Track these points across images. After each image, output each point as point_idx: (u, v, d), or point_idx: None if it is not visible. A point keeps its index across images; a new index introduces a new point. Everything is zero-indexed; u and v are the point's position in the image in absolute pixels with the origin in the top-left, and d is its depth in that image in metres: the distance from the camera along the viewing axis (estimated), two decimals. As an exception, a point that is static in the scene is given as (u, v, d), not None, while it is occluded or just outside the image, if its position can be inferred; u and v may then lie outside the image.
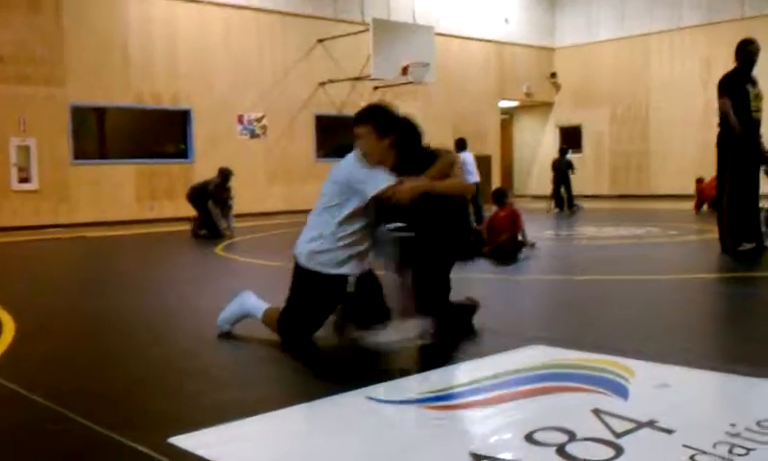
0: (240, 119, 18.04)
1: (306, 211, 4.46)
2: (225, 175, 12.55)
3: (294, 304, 4.24)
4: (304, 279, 4.20)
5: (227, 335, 4.42)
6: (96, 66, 15.91)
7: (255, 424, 2.93)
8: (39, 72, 15.27)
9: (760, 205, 7.98)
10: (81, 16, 15.75)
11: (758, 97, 7.79)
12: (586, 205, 17.89)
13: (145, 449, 2.63)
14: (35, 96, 15.20)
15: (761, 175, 7.98)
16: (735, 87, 7.65)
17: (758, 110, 7.79)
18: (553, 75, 24.83)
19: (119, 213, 16.15)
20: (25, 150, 15.16)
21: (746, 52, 7.80)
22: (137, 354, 4.27)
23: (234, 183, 12.85)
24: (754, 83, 7.77)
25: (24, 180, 15.20)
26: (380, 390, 3.30)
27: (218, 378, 3.69)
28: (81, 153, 15.98)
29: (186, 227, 12.94)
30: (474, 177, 12.83)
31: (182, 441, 2.70)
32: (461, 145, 13.53)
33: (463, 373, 3.57)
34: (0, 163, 14.87)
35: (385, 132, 4.19)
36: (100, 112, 16.93)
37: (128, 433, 2.77)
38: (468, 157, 12.98)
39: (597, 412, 2.86)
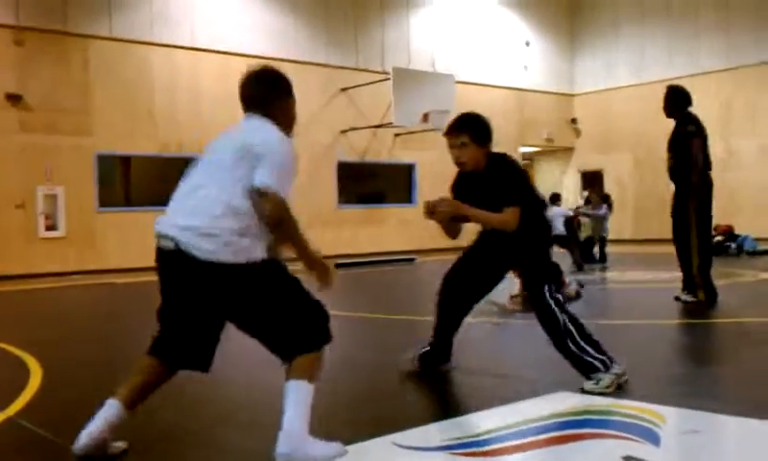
0: (263, 166, 18.19)
1: (328, 258, 4.02)
2: None
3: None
4: None
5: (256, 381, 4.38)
6: (122, 116, 16.19)
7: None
8: (67, 122, 15.57)
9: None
10: (107, 68, 16.08)
11: None
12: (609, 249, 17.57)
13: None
14: (62, 146, 15.47)
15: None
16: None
17: None
18: (574, 120, 24.91)
19: (145, 260, 16.19)
20: (52, 198, 15.39)
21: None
22: (164, 404, 4.27)
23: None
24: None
25: (50, 227, 15.41)
26: (406, 436, 3.28)
27: (243, 424, 3.69)
28: (106, 200, 16.20)
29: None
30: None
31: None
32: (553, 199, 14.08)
33: (489, 420, 3.54)
34: (27, 212, 15.11)
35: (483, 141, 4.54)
36: (125, 161, 17.19)
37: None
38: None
39: (629, 459, 2.82)
